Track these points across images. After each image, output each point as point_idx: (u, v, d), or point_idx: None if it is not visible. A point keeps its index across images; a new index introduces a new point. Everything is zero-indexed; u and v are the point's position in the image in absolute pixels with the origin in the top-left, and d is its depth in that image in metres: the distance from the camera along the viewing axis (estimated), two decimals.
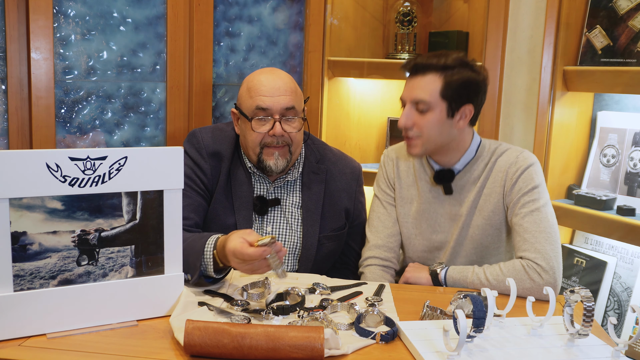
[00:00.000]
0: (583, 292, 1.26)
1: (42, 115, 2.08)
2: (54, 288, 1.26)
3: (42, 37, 2.04)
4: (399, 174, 1.87)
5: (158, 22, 2.27)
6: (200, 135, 1.84)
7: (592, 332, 1.32)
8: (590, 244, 2.42)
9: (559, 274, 1.60)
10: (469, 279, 1.63)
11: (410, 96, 1.71)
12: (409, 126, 1.72)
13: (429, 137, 1.71)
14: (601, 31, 2.31)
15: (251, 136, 1.77)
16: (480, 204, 1.76)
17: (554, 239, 1.63)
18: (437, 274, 1.67)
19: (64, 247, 1.27)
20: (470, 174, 1.77)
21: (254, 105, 1.75)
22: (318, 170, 1.89)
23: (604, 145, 2.39)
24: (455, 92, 1.68)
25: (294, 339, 1.17)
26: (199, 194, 1.79)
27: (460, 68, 1.68)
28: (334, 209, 1.88)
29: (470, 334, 1.22)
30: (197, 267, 1.51)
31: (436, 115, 1.69)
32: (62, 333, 1.27)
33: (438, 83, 1.68)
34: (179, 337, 1.22)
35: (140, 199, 1.32)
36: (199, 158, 1.80)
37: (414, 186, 1.84)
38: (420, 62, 1.70)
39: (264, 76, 1.79)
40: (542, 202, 1.68)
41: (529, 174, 1.71)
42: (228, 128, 1.89)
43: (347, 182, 1.94)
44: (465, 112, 1.71)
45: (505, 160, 1.75)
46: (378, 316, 1.35)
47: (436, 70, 1.68)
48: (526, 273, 1.59)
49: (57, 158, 1.22)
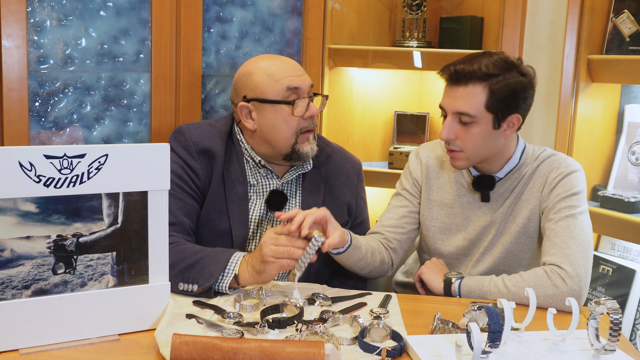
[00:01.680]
0: (609, 303, 1.26)
1: (14, 109, 2.08)
2: (28, 299, 1.26)
3: (15, 22, 2.04)
4: (428, 175, 1.87)
5: (142, 7, 2.27)
6: (187, 131, 1.83)
7: (620, 348, 1.32)
8: (617, 251, 2.42)
9: (585, 282, 1.60)
10: (485, 287, 1.63)
11: (452, 107, 1.70)
12: (452, 139, 1.72)
13: (474, 151, 1.72)
14: (629, 16, 2.30)
15: (288, 124, 1.77)
16: (515, 211, 1.77)
17: (587, 248, 1.64)
18: (451, 284, 1.68)
19: (39, 254, 1.26)
20: (511, 181, 1.78)
21: (284, 86, 1.76)
22: (318, 164, 1.91)
23: (632, 142, 2.39)
24: (502, 103, 1.67)
25: (292, 355, 1.17)
26: (191, 195, 1.78)
27: (505, 73, 1.67)
28: (335, 205, 1.89)
29: (485, 350, 1.22)
30: (215, 277, 1.55)
31: (481, 129, 1.69)
32: (36, 348, 1.27)
33: (482, 95, 1.67)
34: (164, 353, 1.22)
35: (122, 201, 1.32)
36: (188, 156, 1.80)
37: (447, 190, 1.84)
38: (461, 70, 1.67)
39: (277, 59, 1.83)
40: (579, 210, 1.70)
41: (569, 180, 1.73)
42: (218, 123, 1.89)
43: (347, 177, 1.96)
44: (512, 121, 1.72)
45: (547, 166, 1.77)
46: (384, 330, 1.35)
47: (479, 80, 1.66)
48: (549, 279, 1.59)
49: (30, 156, 1.22)
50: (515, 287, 1.60)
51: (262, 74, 1.79)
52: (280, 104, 1.77)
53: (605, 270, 2.37)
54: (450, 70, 1.70)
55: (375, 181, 2.69)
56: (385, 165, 2.81)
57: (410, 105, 2.93)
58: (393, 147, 2.79)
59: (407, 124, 2.83)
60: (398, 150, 2.73)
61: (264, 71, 1.79)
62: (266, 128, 1.80)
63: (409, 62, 2.65)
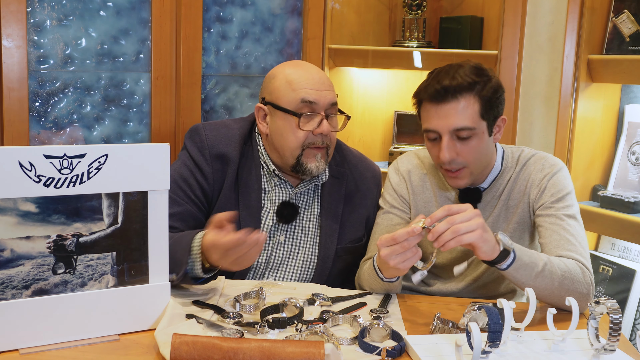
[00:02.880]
0: (609, 303, 1.26)
1: (14, 109, 2.08)
2: (28, 299, 1.26)
3: (15, 22, 2.05)
4: (414, 190, 1.81)
5: (142, 6, 2.27)
6: (204, 132, 1.78)
7: (619, 347, 1.32)
8: (617, 250, 2.42)
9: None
10: (538, 267, 1.49)
11: (448, 126, 1.63)
12: (454, 157, 1.66)
13: (476, 164, 1.68)
14: (629, 16, 2.31)
15: (295, 135, 1.73)
16: (505, 217, 1.75)
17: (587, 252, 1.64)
18: (507, 255, 1.48)
19: (39, 254, 1.27)
20: (496, 189, 1.76)
21: (299, 98, 1.72)
22: (339, 174, 1.86)
23: (632, 142, 2.39)
24: (491, 108, 1.66)
25: (292, 354, 1.17)
26: (193, 201, 1.75)
27: (483, 77, 1.64)
28: (354, 217, 1.85)
29: (485, 349, 1.22)
30: (184, 263, 1.49)
31: (479, 138, 1.66)
32: (36, 348, 1.27)
33: (475, 104, 1.63)
34: (164, 353, 1.22)
35: (122, 201, 1.32)
36: (201, 159, 1.76)
37: (433, 206, 1.80)
38: (448, 85, 1.61)
39: (303, 68, 1.78)
40: (575, 210, 1.68)
41: (558, 180, 1.71)
42: (235, 125, 1.83)
43: (368, 188, 1.91)
44: (499, 124, 1.71)
45: (530, 168, 1.74)
46: (384, 330, 1.35)
47: (467, 91, 1.62)
48: (584, 277, 1.55)
49: (30, 156, 1.22)
50: (563, 276, 1.51)
51: (282, 79, 1.76)
52: (291, 114, 1.73)
53: (605, 270, 2.37)
54: (434, 88, 1.63)
55: None
56: (385, 165, 2.80)
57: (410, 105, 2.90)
58: (393, 147, 2.79)
59: (407, 124, 2.83)
60: (398, 150, 2.73)
61: (285, 77, 1.76)
62: (275, 134, 1.77)
63: (409, 62, 2.65)
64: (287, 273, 1.80)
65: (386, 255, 1.45)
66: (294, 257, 1.81)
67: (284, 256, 1.80)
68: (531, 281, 1.49)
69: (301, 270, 1.81)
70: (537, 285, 1.49)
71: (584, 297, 1.53)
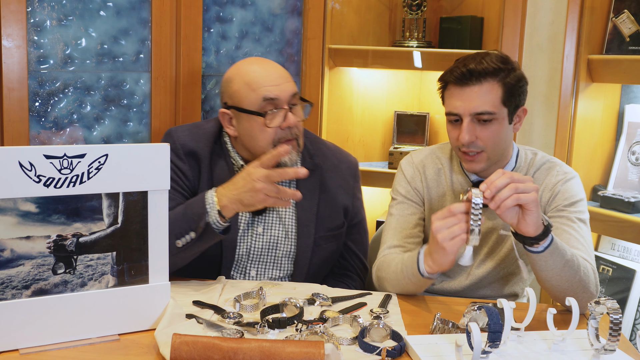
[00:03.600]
0: (609, 303, 1.26)
1: (14, 109, 2.08)
2: (28, 299, 1.26)
3: (15, 22, 2.05)
4: (428, 184, 1.84)
5: (142, 7, 2.27)
6: (175, 134, 1.84)
7: (620, 347, 1.32)
8: (617, 251, 2.42)
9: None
10: (567, 255, 1.53)
11: (469, 109, 1.66)
12: (474, 140, 1.68)
13: (494, 149, 1.70)
14: (629, 16, 2.31)
15: (264, 134, 1.74)
16: None
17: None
18: (549, 231, 1.50)
19: (39, 254, 1.27)
20: None
21: (260, 97, 1.73)
22: (312, 165, 1.88)
23: (632, 142, 2.39)
24: (513, 96, 1.68)
25: (292, 354, 1.17)
26: (183, 195, 1.79)
27: (508, 66, 1.67)
28: (330, 207, 1.88)
29: (485, 350, 1.22)
30: (204, 213, 1.60)
31: (500, 124, 1.68)
32: (36, 348, 1.27)
33: (498, 90, 1.66)
34: (164, 353, 1.22)
35: (122, 201, 1.32)
36: (176, 159, 1.80)
37: (447, 199, 1.82)
38: (474, 69, 1.65)
39: (258, 66, 1.79)
40: (586, 217, 1.71)
41: (572, 186, 1.72)
42: (207, 125, 1.88)
43: (343, 178, 1.94)
44: (520, 114, 1.73)
45: (544, 174, 1.76)
46: (384, 330, 1.35)
47: (492, 76, 1.65)
48: (594, 277, 1.58)
49: (30, 156, 1.22)
50: (584, 273, 1.55)
51: (240, 82, 1.77)
52: (255, 115, 1.74)
53: (606, 270, 2.37)
54: (460, 70, 1.66)
55: (375, 181, 2.69)
56: (385, 165, 2.81)
57: (410, 105, 2.93)
58: (393, 147, 2.79)
59: (407, 124, 2.83)
60: (398, 150, 2.73)
61: (242, 79, 1.77)
62: (244, 136, 1.79)
63: (409, 62, 2.65)
64: (268, 264, 1.84)
65: (437, 228, 1.46)
66: (274, 247, 1.83)
67: (264, 247, 1.83)
68: (559, 269, 1.51)
69: (282, 260, 1.84)
70: (562, 275, 1.51)
71: (592, 298, 1.54)
